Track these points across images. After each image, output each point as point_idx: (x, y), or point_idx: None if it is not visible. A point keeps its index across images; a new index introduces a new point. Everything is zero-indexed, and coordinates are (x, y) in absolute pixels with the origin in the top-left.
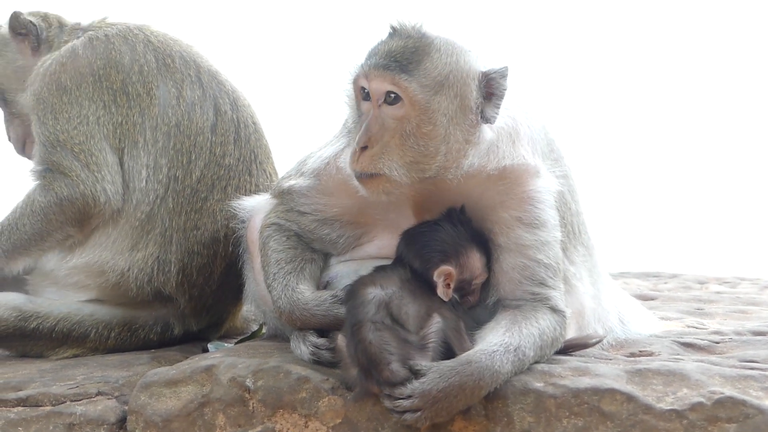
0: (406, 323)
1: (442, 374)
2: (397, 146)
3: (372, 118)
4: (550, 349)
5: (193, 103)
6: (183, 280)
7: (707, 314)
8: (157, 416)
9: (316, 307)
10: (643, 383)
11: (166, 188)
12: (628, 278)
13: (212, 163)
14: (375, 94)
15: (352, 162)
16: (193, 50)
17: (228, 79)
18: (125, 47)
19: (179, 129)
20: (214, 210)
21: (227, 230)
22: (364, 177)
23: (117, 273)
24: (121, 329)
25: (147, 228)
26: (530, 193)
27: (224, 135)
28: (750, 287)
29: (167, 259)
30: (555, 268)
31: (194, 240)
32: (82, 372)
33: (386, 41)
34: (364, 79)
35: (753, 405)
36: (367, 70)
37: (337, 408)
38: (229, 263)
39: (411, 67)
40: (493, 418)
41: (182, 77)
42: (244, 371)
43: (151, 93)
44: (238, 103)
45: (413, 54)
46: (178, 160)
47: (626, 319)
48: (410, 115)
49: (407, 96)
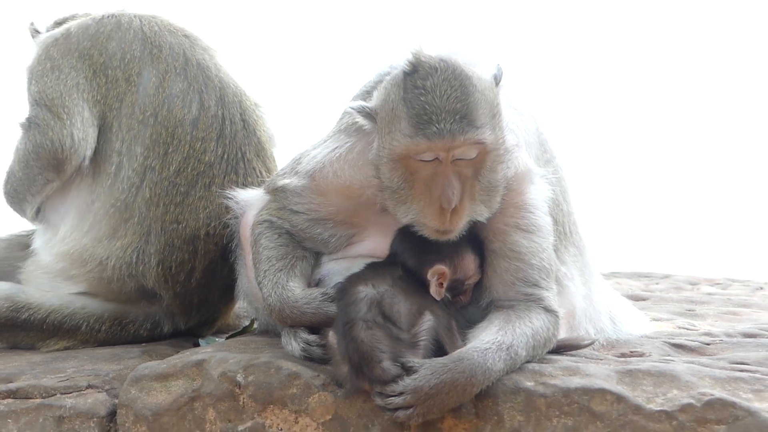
0: (397, 321)
1: (434, 371)
2: (477, 192)
3: (450, 176)
4: (542, 349)
5: (174, 94)
6: (163, 274)
7: (698, 315)
8: (147, 410)
9: (306, 305)
10: (633, 384)
11: (142, 177)
12: (619, 278)
13: (191, 157)
14: (449, 157)
15: (440, 223)
16: (191, 43)
17: (219, 74)
18: (116, 33)
19: (156, 119)
20: (196, 206)
21: (209, 228)
22: (448, 231)
23: (96, 261)
24: (112, 323)
25: (125, 216)
26: (527, 200)
27: (206, 131)
28: (741, 289)
29: (146, 251)
30: (548, 270)
31: (174, 234)
32: (72, 365)
33: (433, 89)
34: (443, 151)
35: (743, 407)
36: (449, 143)
37: (327, 404)
38: (212, 261)
39: (476, 118)
40: (483, 417)
41: (167, 68)
42: (235, 366)
43: (130, 80)
44: (225, 99)
45: (469, 98)
46: (155, 151)
47: (617, 320)
48: (485, 160)
49: (483, 146)
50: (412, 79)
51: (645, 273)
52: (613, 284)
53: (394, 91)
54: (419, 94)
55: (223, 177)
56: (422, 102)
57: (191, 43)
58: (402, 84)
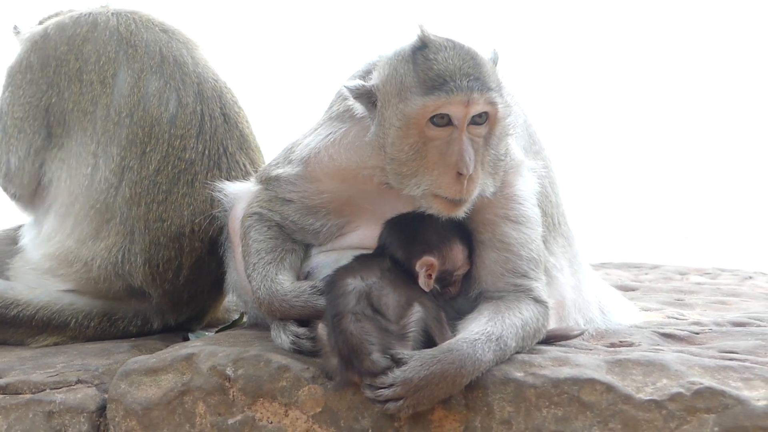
0: (386, 313)
1: (423, 362)
2: (487, 162)
3: (465, 141)
4: (532, 339)
5: (150, 93)
6: (150, 273)
7: (687, 305)
8: (137, 404)
9: (295, 298)
10: (622, 373)
11: (120, 178)
12: (609, 269)
13: (171, 155)
14: (466, 118)
15: (457, 191)
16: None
17: (197, 69)
18: (91, 34)
19: (132, 119)
20: (180, 204)
21: (194, 225)
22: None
23: (82, 262)
24: (100, 319)
25: (106, 217)
26: (516, 191)
27: (185, 128)
28: (730, 278)
29: (132, 250)
30: (537, 260)
31: (159, 232)
32: (62, 360)
33: (446, 58)
34: (461, 106)
35: (732, 395)
36: (466, 96)
37: (317, 397)
38: (199, 258)
39: (489, 81)
40: (473, 408)
41: (142, 67)
42: (225, 360)
43: (104, 82)
44: (204, 94)
45: (481, 67)
46: (132, 151)
47: (607, 310)
48: (495, 127)
49: (495, 111)
50: (423, 53)
51: (634, 263)
52: (603, 275)
53: (402, 66)
54: (432, 64)
55: (206, 173)
56: (437, 69)
57: (169, 38)
58: (411, 58)
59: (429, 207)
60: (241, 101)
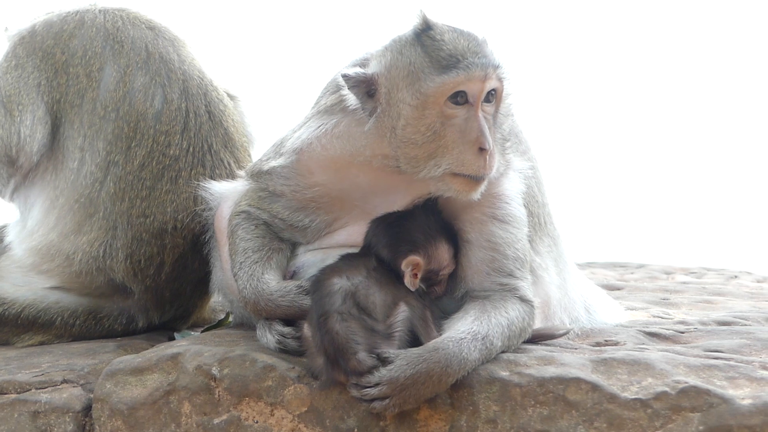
0: (372, 312)
1: (409, 361)
2: (497, 142)
3: (482, 118)
4: (518, 339)
5: (136, 89)
6: (132, 268)
7: (673, 304)
8: (123, 404)
9: (281, 298)
10: (608, 372)
11: (105, 172)
12: (594, 268)
13: (156, 151)
14: (482, 94)
15: (480, 167)
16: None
17: (183, 67)
18: (78, 30)
19: (118, 114)
20: (163, 200)
21: (177, 222)
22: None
23: (64, 256)
24: (86, 317)
25: (89, 211)
26: (503, 190)
27: (170, 124)
28: (715, 277)
29: (113, 245)
30: (523, 260)
31: (142, 228)
32: (47, 360)
33: (454, 39)
34: (479, 82)
35: (717, 394)
36: (483, 72)
37: (302, 396)
38: (182, 255)
39: (495, 59)
40: (458, 407)
41: (128, 63)
42: (210, 359)
43: (91, 76)
44: (189, 91)
45: (485, 46)
46: (117, 146)
47: (592, 309)
48: (501, 106)
49: (501, 89)
50: (429, 35)
51: (620, 263)
52: (589, 274)
53: (408, 49)
54: (442, 44)
55: (189, 170)
56: (448, 49)
57: (155, 35)
58: (417, 41)
59: (447, 188)
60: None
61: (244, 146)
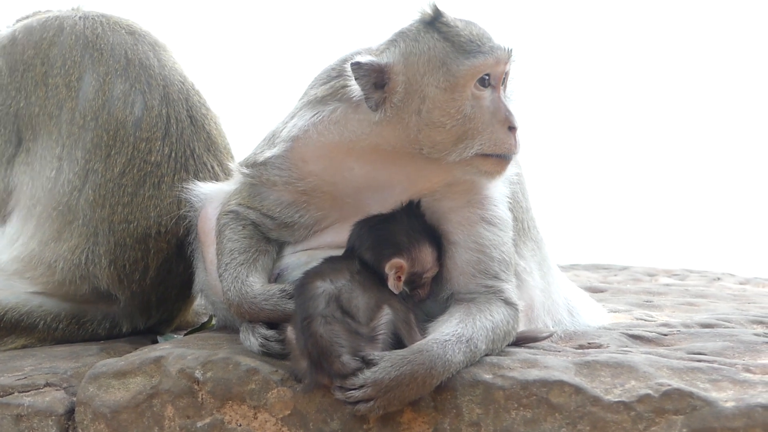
0: (356, 315)
1: (393, 363)
2: None
3: (504, 100)
4: (502, 342)
5: (115, 96)
6: (116, 274)
7: (656, 306)
8: (106, 408)
9: (265, 302)
10: (591, 375)
11: (84, 180)
12: (578, 270)
13: (136, 158)
14: (502, 76)
15: (513, 144)
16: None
17: (164, 72)
18: (57, 38)
19: (97, 123)
20: (146, 206)
21: (160, 227)
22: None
23: (45, 265)
24: (69, 322)
25: (68, 218)
26: (490, 193)
27: (150, 131)
28: (699, 280)
29: (96, 252)
30: (508, 263)
31: (125, 233)
32: (30, 363)
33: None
34: (503, 64)
35: (700, 397)
36: (507, 55)
37: (286, 399)
38: (166, 259)
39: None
40: (441, 410)
41: (107, 70)
42: (193, 362)
43: (70, 85)
44: (169, 97)
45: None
46: (96, 154)
47: (575, 311)
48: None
49: (509, 71)
50: (443, 21)
51: (603, 265)
52: (572, 276)
53: (424, 37)
54: (460, 30)
55: (172, 175)
56: (467, 34)
57: (135, 40)
58: (433, 29)
59: (476, 171)
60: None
61: (227, 149)
